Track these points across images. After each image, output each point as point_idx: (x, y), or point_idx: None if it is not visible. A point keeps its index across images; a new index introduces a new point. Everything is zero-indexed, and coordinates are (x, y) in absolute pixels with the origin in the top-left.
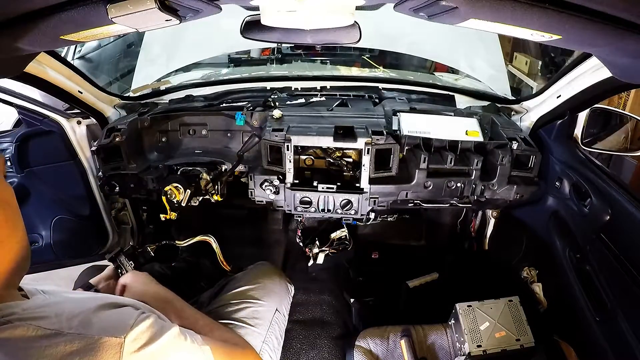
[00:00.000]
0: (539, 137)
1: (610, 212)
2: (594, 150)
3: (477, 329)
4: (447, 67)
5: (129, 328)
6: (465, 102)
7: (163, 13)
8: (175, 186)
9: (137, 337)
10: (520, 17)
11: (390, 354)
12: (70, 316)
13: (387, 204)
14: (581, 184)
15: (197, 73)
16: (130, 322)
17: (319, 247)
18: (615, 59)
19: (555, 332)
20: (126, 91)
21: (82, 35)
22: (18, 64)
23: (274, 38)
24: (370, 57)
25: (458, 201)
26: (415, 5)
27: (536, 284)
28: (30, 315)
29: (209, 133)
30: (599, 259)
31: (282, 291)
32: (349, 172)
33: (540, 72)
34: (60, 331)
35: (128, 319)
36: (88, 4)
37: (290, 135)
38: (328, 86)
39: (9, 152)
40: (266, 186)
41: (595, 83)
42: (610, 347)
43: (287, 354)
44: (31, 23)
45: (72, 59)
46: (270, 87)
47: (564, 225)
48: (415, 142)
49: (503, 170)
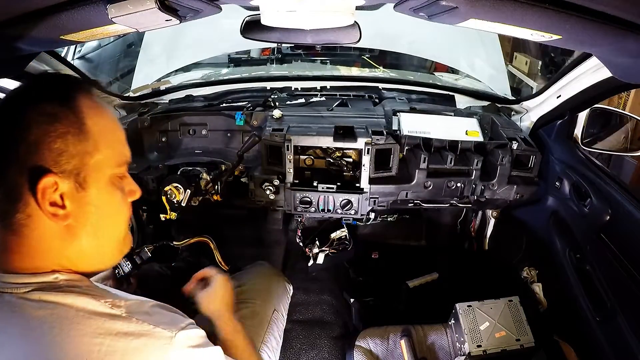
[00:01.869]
0: (539, 137)
1: (610, 212)
2: (594, 150)
3: (477, 329)
4: (447, 67)
5: (180, 328)
6: (465, 102)
7: (163, 13)
8: (175, 186)
9: (187, 337)
10: (520, 17)
11: (390, 354)
12: (129, 304)
13: (387, 204)
14: (581, 184)
15: (197, 73)
16: (182, 325)
17: (319, 247)
18: (615, 59)
19: (555, 332)
20: (126, 91)
21: (82, 35)
22: (18, 64)
23: (274, 38)
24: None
25: (458, 201)
26: (415, 5)
27: (536, 284)
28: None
29: (209, 133)
30: (599, 259)
31: (280, 291)
32: (349, 172)
33: (540, 72)
34: (120, 313)
35: (181, 321)
36: (88, 4)
37: (290, 135)
38: (328, 86)
39: None
40: (266, 186)
41: (595, 83)
42: (610, 347)
43: (287, 354)
44: (31, 23)
45: (72, 59)
46: (270, 87)
47: (564, 225)
48: (415, 142)
49: (503, 170)
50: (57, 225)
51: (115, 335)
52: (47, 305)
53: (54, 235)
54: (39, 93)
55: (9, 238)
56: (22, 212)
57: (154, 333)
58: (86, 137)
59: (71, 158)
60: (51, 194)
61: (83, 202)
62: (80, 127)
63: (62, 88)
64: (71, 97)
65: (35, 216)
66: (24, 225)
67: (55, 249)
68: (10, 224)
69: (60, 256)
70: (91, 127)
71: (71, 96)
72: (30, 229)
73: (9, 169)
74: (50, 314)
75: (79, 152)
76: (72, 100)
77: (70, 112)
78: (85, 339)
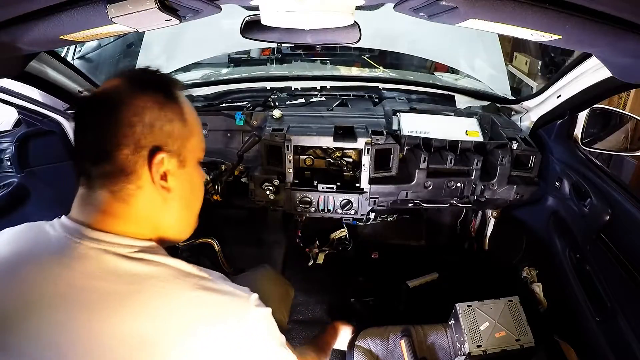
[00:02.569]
0: (539, 137)
1: (610, 212)
2: (594, 150)
3: (477, 329)
4: (447, 67)
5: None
6: (465, 102)
7: (163, 13)
8: None
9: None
10: (520, 17)
11: (390, 354)
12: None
13: (387, 204)
14: (581, 184)
15: (197, 73)
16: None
17: (319, 247)
18: (615, 59)
19: (555, 332)
20: None
21: (82, 35)
22: (18, 64)
23: (274, 38)
24: (370, 57)
25: (458, 201)
26: (415, 5)
27: (536, 284)
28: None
29: (209, 133)
30: (599, 259)
31: (282, 295)
32: (349, 172)
33: (540, 72)
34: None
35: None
36: (88, 4)
37: (290, 135)
38: (328, 86)
39: (9, 152)
40: (266, 186)
41: (595, 83)
42: (610, 347)
43: None
44: (31, 23)
45: (72, 59)
46: (270, 87)
47: (564, 225)
48: (415, 142)
49: (503, 170)
50: (160, 197)
51: (207, 289)
52: (152, 264)
53: (155, 206)
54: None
55: (117, 205)
56: (133, 184)
57: (235, 292)
58: (186, 124)
59: (176, 140)
60: (160, 169)
61: (181, 179)
62: (182, 115)
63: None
64: (172, 90)
65: (145, 188)
66: (133, 195)
67: (154, 218)
68: (120, 194)
69: (157, 226)
70: (188, 117)
71: (172, 89)
72: (139, 199)
73: (124, 147)
74: (156, 270)
75: (181, 135)
76: (174, 93)
77: (174, 102)
78: (186, 291)
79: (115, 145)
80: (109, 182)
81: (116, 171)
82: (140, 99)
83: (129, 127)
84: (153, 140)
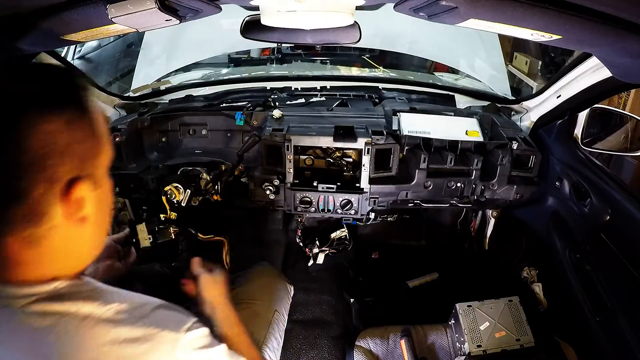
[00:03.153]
0: (539, 137)
1: (610, 212)
2: (594, 150)
3: (477, 329)
4: (447, 67)
5: (185, 328)
6: (465, 102)
7: (163, 13)
8: (175, 186)
9: (193, 338)
10: (520, 17)
11: (390, 354)
12: (133, 307)
13: (387, 204)
14: (581, 184)
15: (197, 73)
16: (187, 325)
17: (319, 247)
18: (615, 59)
19: (555, 332)
20: (126, 91)
21: (82, 35)
22: None
23: (274, 38)
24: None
25: (458, 201)
26: (415, 5)
27: (536, 284)
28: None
29: (209, 133)
30: (599, 259)
31: (281, 292)
32: (349, 172)
33: (540, 72)
34: (125, 317)
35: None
36: (88, 4)
37: (290, 135)
38: (328, 86)
39: None
40: (266, 186)
41: (595, 83)
42: (610, 347)
43: (287, 354)
44: (31, 23)
45: (72, 59)
46: (270, 87)
47: (564, 225)
48: (415, 142)
49: (503, 170)
50: (74, 229)
51: (121, 342)
52: (52, 316)
53: (70, 239)
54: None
55: (24, 252)
56: (45, 225)
57: (160, 336)
58: (96, 137)
59: (88, 160)
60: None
61: (97, 200)
62: (93, 130)
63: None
64: (83, 98)
65: (59, 226)
66: (45, 237)
67: (70, 252)
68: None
69: (64, 259)
70: (98, 127)
71: (83, 97)
72: (52, 239)
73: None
74: (55, 324)
75: (94, 154)
76: (85, 102)
77: (86, 116)
78: (93, 349)
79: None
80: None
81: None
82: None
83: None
84: (68, 171)
